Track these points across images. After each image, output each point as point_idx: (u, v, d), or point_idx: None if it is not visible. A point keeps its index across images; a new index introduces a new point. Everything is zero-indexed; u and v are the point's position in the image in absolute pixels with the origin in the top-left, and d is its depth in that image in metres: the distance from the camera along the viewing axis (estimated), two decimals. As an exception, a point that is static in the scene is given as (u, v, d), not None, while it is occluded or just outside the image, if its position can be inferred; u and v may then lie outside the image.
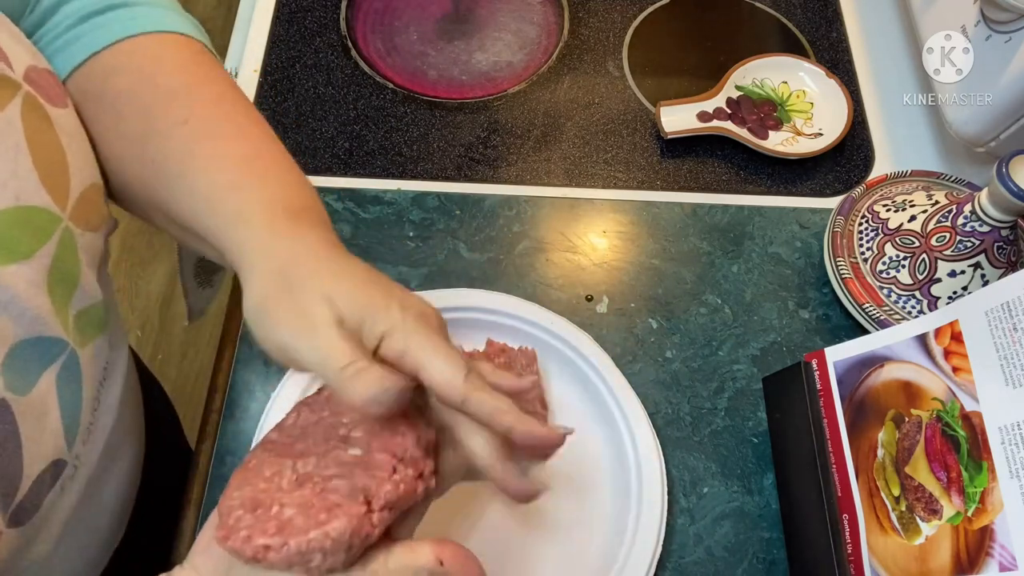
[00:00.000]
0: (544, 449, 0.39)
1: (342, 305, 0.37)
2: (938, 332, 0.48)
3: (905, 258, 0.59)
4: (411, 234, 0.67)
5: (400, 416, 0.38)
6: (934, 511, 0.45)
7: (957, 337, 0.47)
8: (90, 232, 0.43)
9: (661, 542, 0.52)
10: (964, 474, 0.44)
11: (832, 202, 0.69)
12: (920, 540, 0.45)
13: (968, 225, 0.57)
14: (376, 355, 0.37)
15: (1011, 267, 0.58)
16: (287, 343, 0.37)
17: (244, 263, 0.41)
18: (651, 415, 0.57)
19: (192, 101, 0.45)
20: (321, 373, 0.37)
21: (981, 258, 0.57)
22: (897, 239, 0.60)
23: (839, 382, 0.53)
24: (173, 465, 0.66)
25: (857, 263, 0.62)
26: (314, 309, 0.37)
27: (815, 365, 0.54)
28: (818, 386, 0.54)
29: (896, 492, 0.47)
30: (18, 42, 0.41)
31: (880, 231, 0.61)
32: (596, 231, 0.68)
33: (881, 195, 0.65)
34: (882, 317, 0.59)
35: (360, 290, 0.38)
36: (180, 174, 0.44)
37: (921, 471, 0.46)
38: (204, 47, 0.49)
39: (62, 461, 0.43)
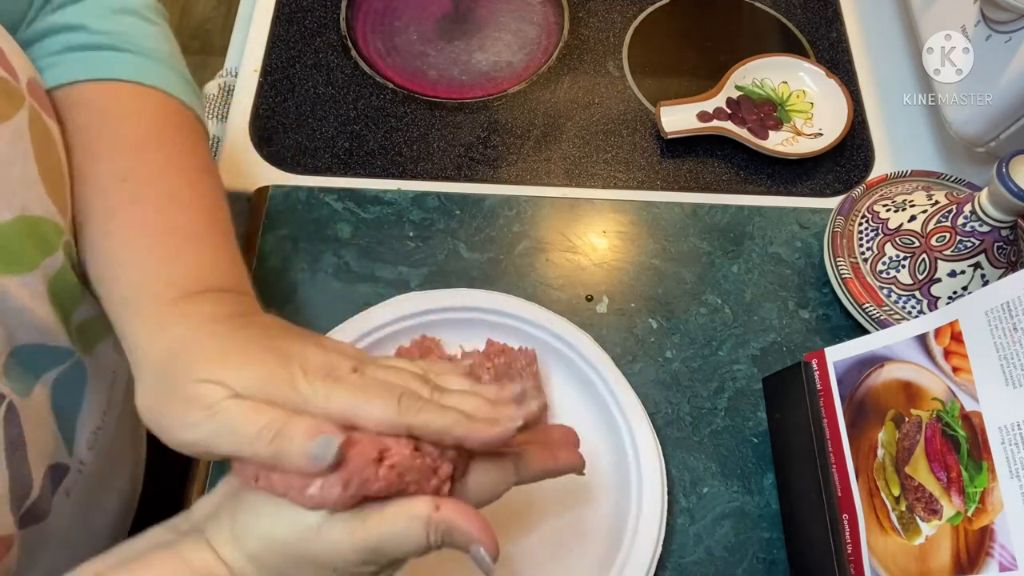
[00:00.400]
0: (498, 445, 0.35)
1: (235, 384, 0.34)
2: (938, 332, 0.48)
3: (905, 258, 0.59)
4: (411, 234, 0.67)
5: None
6: (934, 511, 0.45)
7: (957, 337, 0.47)
8: None
9: (661, 542, 0.52)
10: (964, 474, 0.44)
11: (832, 202, 0.69)
12: (920, 540, 0.45)
13: (968, 225, 0.57)
14: None
15: (1011, 267, 0.58)
16: (188, 438, 0.34)
17: (131, 357, 0.38)
18: (651, 415, 0.57)
19: (138, 160, 0.43)
20: (242, 450, 0.33)
21: (981, 258, 0.57)
22: (897, 239, 0.60)
23: (839, 382, 0.53)
24: (173, 468, 0.66)
25: (857, 263, 0.62)
26: (200, 392, 0.33)
27: (815, 365, 0.54)
28: (818, 386, 0.54)
29: (896, 492, 0.47)
30: (18, 55, 0.40)
31: (880, 231, 0.61)
32: (596, 231, 0.68)
33: (881, 195, 0.65)
34: (882, 317, 0.59)
35: (255, 365, 0.34)
36: (103, 233, 0.41)
37: (921, 471, 0.46)
38: (183, 107, 0.46)
39: (62, 465, 0.43)
